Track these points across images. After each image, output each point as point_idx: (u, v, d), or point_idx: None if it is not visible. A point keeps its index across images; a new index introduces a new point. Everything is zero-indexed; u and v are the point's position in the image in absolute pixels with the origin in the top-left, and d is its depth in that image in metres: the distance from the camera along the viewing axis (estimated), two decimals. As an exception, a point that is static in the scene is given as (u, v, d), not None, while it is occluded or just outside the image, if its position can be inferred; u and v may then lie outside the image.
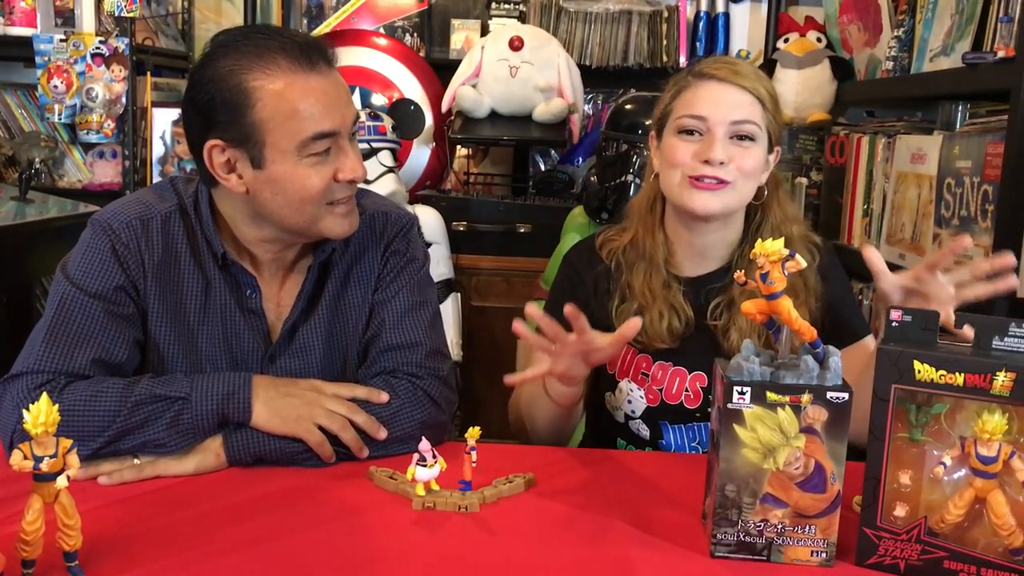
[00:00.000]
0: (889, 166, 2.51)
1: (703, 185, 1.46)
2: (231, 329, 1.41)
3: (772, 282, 1.03)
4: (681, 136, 1.48)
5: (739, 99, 1.47)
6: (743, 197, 1.50)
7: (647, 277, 1.54)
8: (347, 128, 1.31)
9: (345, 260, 1.46)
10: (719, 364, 1.10)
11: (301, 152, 1.28)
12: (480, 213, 3.00)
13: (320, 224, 1.34)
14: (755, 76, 1.50)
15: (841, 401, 1.03)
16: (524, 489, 1.24)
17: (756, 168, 1.48)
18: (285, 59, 1.27)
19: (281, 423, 1.28)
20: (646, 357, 1.55)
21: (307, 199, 1.30)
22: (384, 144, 2.57)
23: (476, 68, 3.09)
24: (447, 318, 2.72)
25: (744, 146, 1.47)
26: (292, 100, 1.26)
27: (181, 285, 1.39)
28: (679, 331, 1.52)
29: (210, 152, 1.31)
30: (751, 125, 1.47)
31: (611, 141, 2.44)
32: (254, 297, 1.41)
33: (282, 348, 1.43)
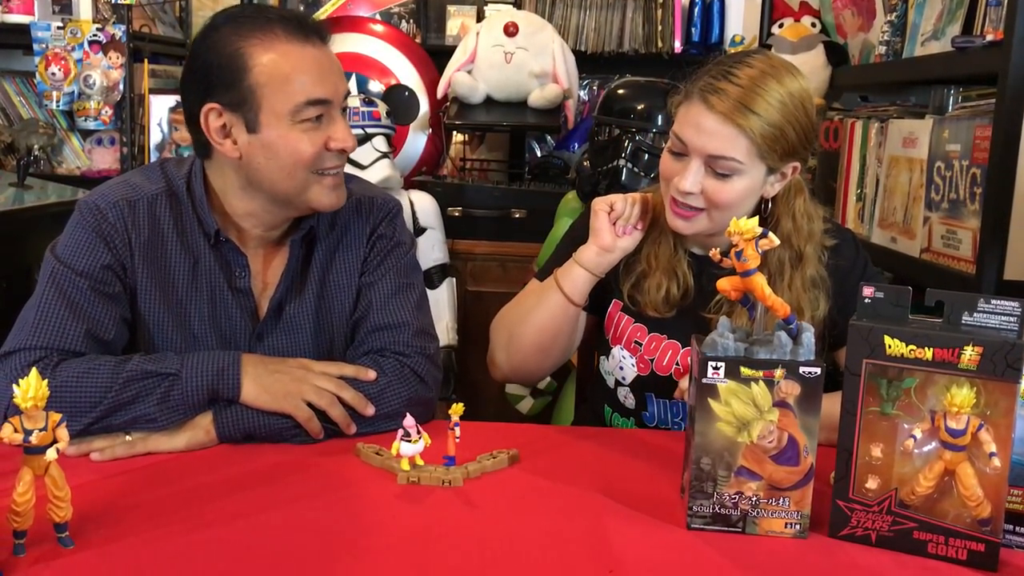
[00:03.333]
0: (882, 150, 2.51)
1: (677, 210, 1.45)
2: (220, 308, 1.43)
3: (746, 259, 1.06)
4: (671, 152, 1.46)
5: (720, 132, 1.37)
6: (721, 224, 1.42)
7: (655, 244, 1.54)
8: (339, 99, 1.36)
9: (330, 240, 1.49)
10: (695, 340, 1.12)
11: (295, 117, 1.32)
12: (475, 199, 3.01)
13: (308, 193, 1.37)
14: (764, 105, 1.36)
15: (813, 376, 1.05)
16: (508, 465, 1.26)
17: (734, 200, 1.41)
18: (282, 29, 1.32)
19: (270, 399, 1.31)
20: (641, 327, 1.56)
21: (299, 163, 1.34)
22: (379, 129, 2.59)
23: (471, 54, 3.09)
24: (442, 303, 2.74)
25: (720, 180, 1.40)
26: (288, 67, 1.31)
27: (169, 265, 1.41)
28: (675, 301, 1.52)
29: (207, 116, 1.34)
30: (729, 162, 1.38)
31: (603, 126, 2.44)
32: (243, 276, 1.43)
33: (270, 326, 1.45)
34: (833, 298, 1.49)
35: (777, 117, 1.37)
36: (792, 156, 1.42)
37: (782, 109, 1.37)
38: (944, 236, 2.08)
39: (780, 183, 1.47)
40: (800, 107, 1.39)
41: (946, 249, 2.07)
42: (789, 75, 1.40)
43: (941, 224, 2.10)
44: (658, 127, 2.37)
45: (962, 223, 2.00)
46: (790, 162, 1.43)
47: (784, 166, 1.43)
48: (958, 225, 2.01)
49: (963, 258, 1.98)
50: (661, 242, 1.53)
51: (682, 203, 1.43)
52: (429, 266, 2.74)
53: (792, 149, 1.41)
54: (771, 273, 1.45)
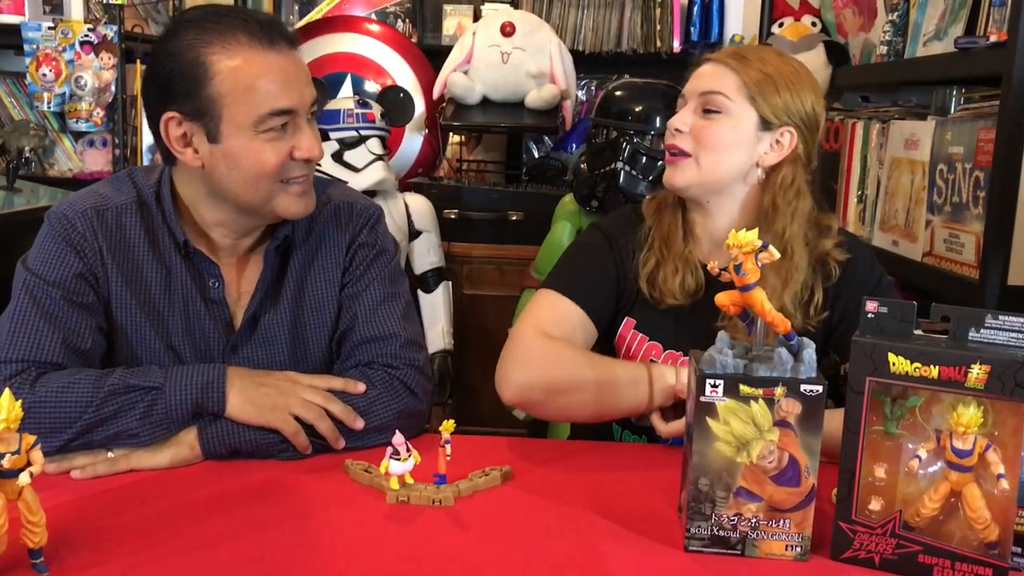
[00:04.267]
0: (883, 152, 2.48)
1: (669, 157, 1.48)
2: (193, 319, 1.40)
3: (745, 273, 1.02)
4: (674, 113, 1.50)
5: (712, 71, 1.45)
6: (709, 173, 1.44)
7: (669, 229, 1.52)
8: (305, 107, 1.32)
9: (307, 249, 1.45)
10: (693, 356, 1.09)
11: (257, 128, 1.28)
12: (472, 200, 2.98)
13: (274, 202, 1.34)
14: (751, 55, 1.46)
15: (814, 394, 1.02)
16: (500, 482, 1.23)
17: (720, 142, 1.43)
18: (245, 35, 1.27)
19: (256, 413, 1.27)
20: (656, 345, 1.52)
21: (262, 174, 1.30)
22: (373, 132, 2.55)
23: (467, 54, 3.07)
24: (438, 307, 2.71)
25: (710, 118, 1.44)
26: (250, 76, 1.26)
27: (142, 275, 1.38)
28: (691, 290, 1.48)
29: (166, 124, 1.31)
30: (717, 97, 1.43)
31: (600, 128, 2.41)
32: (217, 286, 1.40)
33: (244, 338, 1.42)
34: (849, 313, 1.46)
35: (769, 68, 1.43)
36: (785, 116, 1.44)
37: (775, 65, 1.44)
38: (947, 240, 2.04)
39: (776, 153, 1.45)
40: (795, 73, 1.45)
41: (949, 253, 2.04)
42: (790, 57, 1.49)
43: (944, 228, 2.07)
44: (656, 129, 2.33)
45: (965, 227, 1.96)
46: (783, 124, 1.44)
47: (776, 122, 1.44)
48: (961, 229, 1.98)
49: (966, 263, 1.95)
50: (670, 231, 1.52)
51: (671, 145, 1.46)
52: (424, 270, 2.71)
53: (784, 107, 1.43)
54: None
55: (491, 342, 2.78)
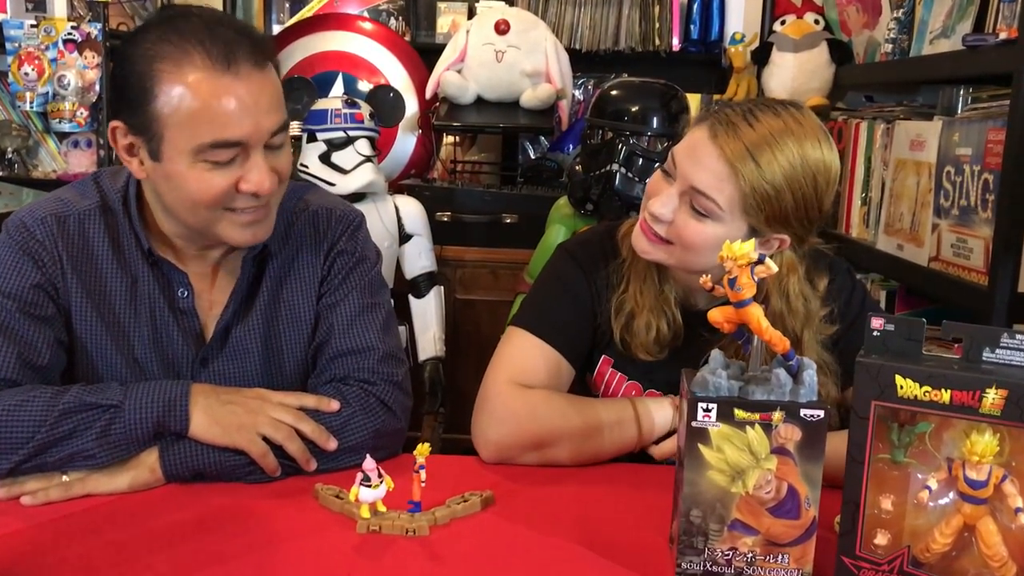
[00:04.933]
0: (888, 152, 2.42)
1: (645, 229, 1.32)
2: (161, 330, 1.33)
3: (740, 288, 0.94)
4: (663, 171, 1.33)
5: (711, 167, 1.24)
6: (685, 263, 1.32)
7: (640, 280, 1.40)
8: (259, 137, 1.20)
9: (283, 258, 1.38)
10: (685, 377, 1.01)
11: (197, 156, 1.18)
12: (465, 203, 2.93)
13: (217, 228, 1.25)
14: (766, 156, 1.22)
15: (816, 419, 0.94)
16: (480, 509, 1.15)
17: (701, 245, 1.27)
18: (201, 56, 1.16)
19: (221, 432, 1.20)
20: (635, 384, 1.45)
21: (199, 203, 1.21)
22: (361, 132, 2.48)
23: (461, 53, 3.02)
24: (430, 313, 2.65)
25: (694, 217, 1.27)
26: (195, 102, 1.16)
27: (105, 285, 1.31)
28: (666, 341, 1.39)
29: (113, 132, 1.24)
30: (708, 203, 1.25)
31: (595, 128, 2.34)
32: (186, 296, 1.33)
33: (215, 351, 1.35)
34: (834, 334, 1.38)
35: (778, 177, 1.22)
36: (781, 226, 1.27)
37: (788, 172, 1.23)
38: (954, 245, 1.97)
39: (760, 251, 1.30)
40: (810, 178, 1.24)
41: (956, 259, 1.96)
42: (815, 142, 1.25)
43: (951, 232, 2.00)
44: (653, 130, 2.27)
45: (973, 231, 1.89)
46: (777, 232, 1.28)
47: (768, 233, 1.28)
48: (969, 233, 1.91)
49: (975, 268, 1.88)
50: (647, 277, 1.41)
51: (649, 228, 1.31)
52: (416, 274, 2.64)
53: (783, 218, 1.26)
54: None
55: (485, 348, 2.69)
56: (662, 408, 1.34)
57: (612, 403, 1.36)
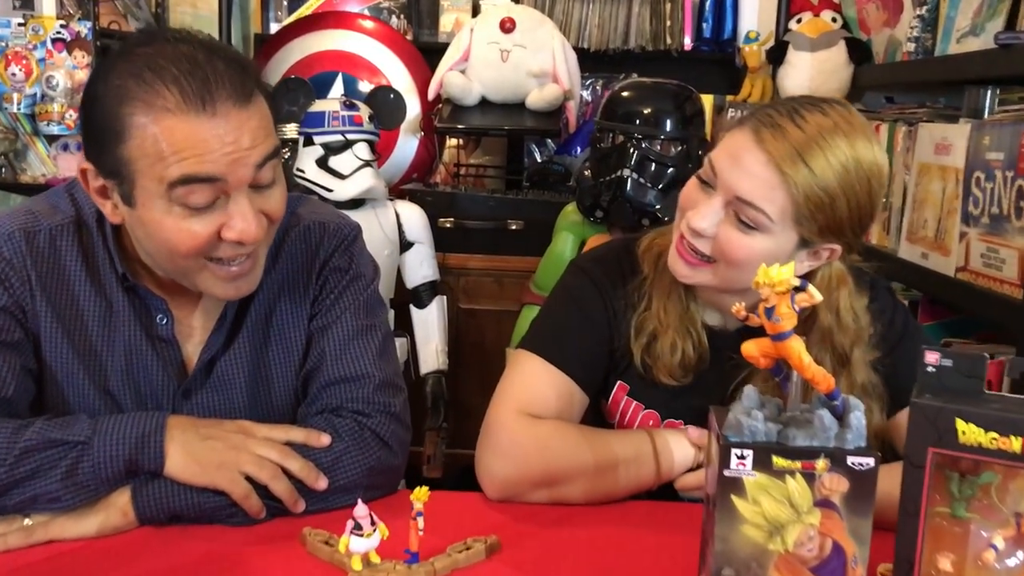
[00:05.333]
0: (910, 156, 2.31)
1: (681, 248, 1.21)
2: (137, 360, 1.22)
3: (779, 319, 0.83)
4: (698, 179, 1.22)
5: (759, 174, 1.13)
6: (730, 282, 1.21)
7: (664, 296, 1.29)
8: (242, 175, 1.07)
9: (273, 278, 1.27)
10: (715, 415, 0.90)
11: (171, 199, 1.06)
12: (469, 208, 2.83)
13: (196, 279, 1.14)
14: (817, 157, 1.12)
15: (865, 468, 0.83)
16: (485, 557, 1.04)
17: (750, 260, 1.15)
18: (175, 95, 1.04)
19: (200, 471, 1.09)
20: (652, 414, 1.34)
21: (176, 253, 1.10)
22: (360, 136, 2.38)
23: (464, 52, 2.93)
24: (432, 324, 2.55)
25: (741, 230, 1.16)
26: (167, 142, 1.04)
27: (77, 309, 1.20)
28: (691, 365, 1.28)
29: (83, 174, 1.12)
30: (757, 214, 1.14)
31: (605, 132, 2.25)
32: (165, 323, 1.22)
33: (199, 381, 1.24)
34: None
35: (832, 182, 1.12)
36: (834, 235, 1.17)
37: (842, 175, 1.12)
38: (984, 255, 1.87)
39: (810, 262, 1.21)
40: (864, 181, 1.14)
41: (987, 269, 1.86)
42: (866, 142, 1.15)
43: (981, 241, 1.90)
44: (667, 133, 2.19)
45: (1006, 241, 1.79)
46: (829, 242, 1.18)
47: (820, 244, 1.18)
48: (1001, 243, 1.81)
49: (1008, 280, 1.78)
50: (671, 293, 1.29)
51: (689, 243, 1.20)
52: (417, 283, 2.54)
53: (837, 227, 1.16)
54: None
55: (489, 360, 2.73)
56: (683, 443, 1.24)
57: (628, 436, 1.26)
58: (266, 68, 3.05)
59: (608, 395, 1.36)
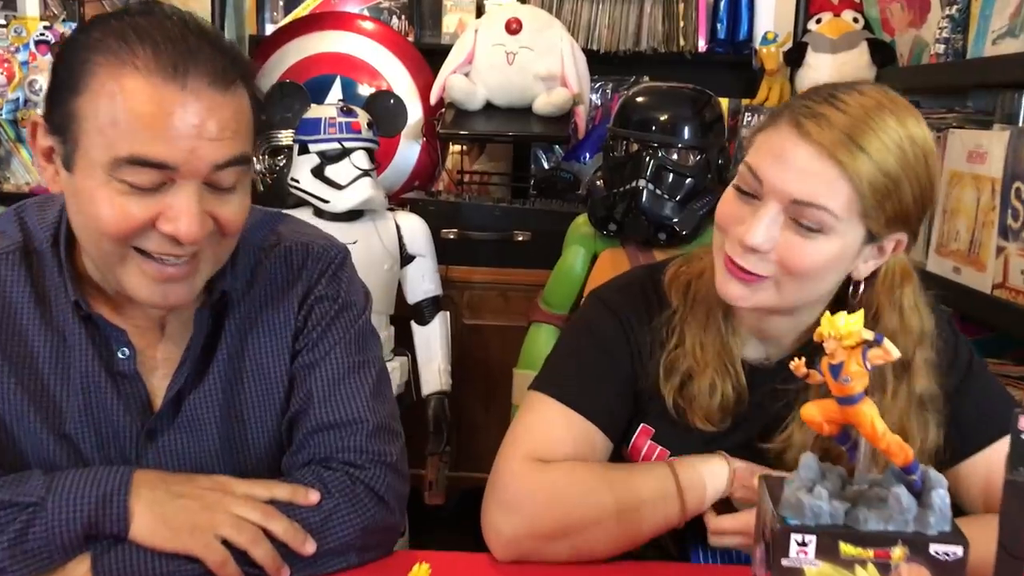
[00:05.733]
0: (939, 164, 2.21)
1: (733, 268, 1.08)
2: (96, 399, 1.09)
3: (848, 379, 0.70)
4: (736, 190, 1.10)
5: (814, 170, 1.03)
6: (794, 300, 1.10)
7: (701, 329, 1.17)
8: (195, 166, 0.97)
9: (247, 306, 1.15)
10: (764, 485, 0.77)
11: (112, 172, 0.96)
12: (473, 218, 2.71)
13: (120, 272, 1.02)
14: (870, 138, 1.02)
15: (951, 559, 0.70)
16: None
17: (817, 268, 1.06)
18: (147, 56, 0.95)
19: (170, 535, 0.96)
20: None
21: (105, 232, 0.98)
22: (358, 143, 2.24)
23: (468, 54, 2.83)
24: (434, 342, 2.41)
25: (804, 235, 1.05)
26: (124, 106, 0.95)
27: (27, 344, 1.08)
28: (731, 407, 1.15)
29: (33, 129, 1.03)
30: (820, 214, 1.03)
31: (619, 140, 2.12)
32: (127, 357, 1.10)
33: (165, 422, 1.12)
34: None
35: (893, 165, 1.01)
36: (901, 224, 1.07)
37: (900, 156, 1.02)
38: (1025, 271, 1.77)
39: (876, 260, 1.11)
40: (922, 159, 1.04)
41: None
42: (912, 116, 1.06)
43: (1021, 256, 1.79)
44: (685, 141, 2.05)
45: (1050, 259, 1.69)
46: (896, 232, 1.08)
47: (887, 236, 1.08)
48: (1045, 260, 1.71)
49: (1052, 300, 1.67)
50: (708, 327, 1.17)
51: (740, 268, 1.07)
52: (419, 299, 2.40)
53: (904, 214, 1.05)
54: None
55: (494, 378, 2.61)
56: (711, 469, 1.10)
57: (649, 470, 1.13)
58: (261, 71, 2.95)
59: (629, 440, 1.23)
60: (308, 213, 2.24)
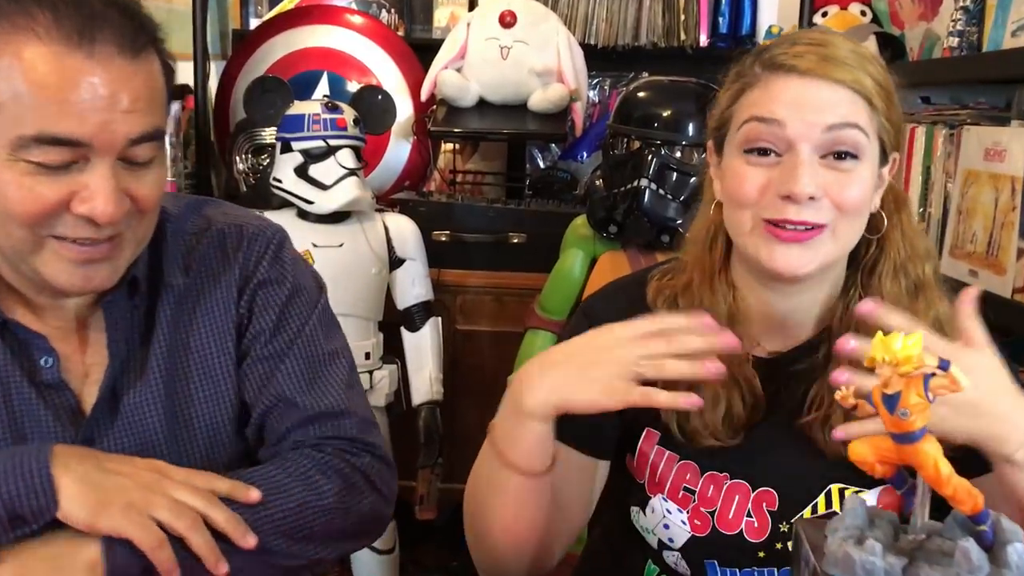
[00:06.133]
0: (952, 162, 2.14)
1: (787, 235, 1.02)
2: (22, 413, 1.00)
3: (906, 412, 0.59)
4: (748, 157, 1.05)
5: (833, 98, 1.01)
6: (846, 244, 1.06)
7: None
8: (109, 142, 0.91)
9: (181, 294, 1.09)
10: (803, 534, 0.66)
11: (16, 152, 0.89)
12: (466, 220, 2.64)
13: (37, 262, 0.94)
14: (856, 60, 1.03)
15: (1032, 627, 0.59)
16: None
17: (863, 199, 1.04)
18: (48, 24, 0.88)
19: (101, 511, 0.88)
20: (690, 464, 1.11)
21: (13, 218, 0.91)
22: (344, 141, 2.15)
23: (461, 49, 2.76)
24: (425, 349, 2.32)
25: (844, 168, 1.02)
26: (24, 81, 0.88)
27: None
28: (741, 423, 1.08)
29: None
30: (854, 131, 1.01)
31: (620, 137, 2.05)
32: (51, 365, 1.01)
33: (103, 424, 1.03)
34: None
35: (880, 74, 1.04)
36: (899, 139, 1.09)
37: (878, 67, 1.04)
38: (1050, 276, 1.70)
39: (880, 190, 1.09)
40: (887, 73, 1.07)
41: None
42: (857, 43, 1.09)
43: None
44: (689, 138, 1.98)
45: (1078, 260, 1.61)
46: (893, 152, 1.08)
47: (891, 151, 1.08)
48: (1071, 263, 1.63)
49: (1078, 306, 1.60)
50: None
51: (796, 222, 1.01)
52: (409, 304, 2.31)
53: (900, 127, 1.08)
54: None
55: (488, 387, 2.50)
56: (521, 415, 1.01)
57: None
58: (245, 67, 2.87)
59: (635, 449, 1.15)
60: (292, 215, 2.16)
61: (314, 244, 2.12)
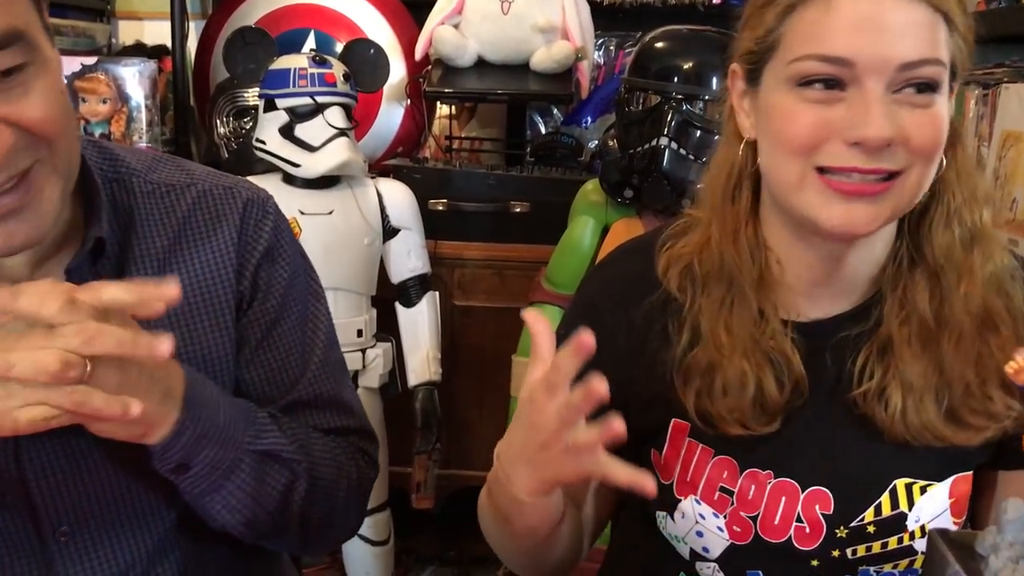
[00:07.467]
0: (986, 124, 2.05)
1: (851, 187, 0.88)
2: None
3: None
4: (802, 91, 0.89)
5: (911, 21, 0.86)
6: (918, 195, 0.91)
7: (724, 309, 0.96)
8: None
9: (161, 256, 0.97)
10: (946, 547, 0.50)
11: None
12: (464, 188, 2.54)
13: None
14: None
15: None
16: None
17: (943, 137, 0.89)
18: None
19: None
20: (728, 460, 0.97)
21: None
22: (333, 98, 2.01)
23: (458, 4, 2.63)
24: (422, 326, 2.21)
25: (922, 103, 0.87)
26: None
27: None
28: (777, 406, 0.94)
29: None
30: (933, 67, 0.87)
31: (636, 92, 1.91)
32: None
33: None
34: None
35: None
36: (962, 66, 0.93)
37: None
38: (1100, 243, 1.62)
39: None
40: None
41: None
42: None
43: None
44: (712, 92, 1.85)
45: None
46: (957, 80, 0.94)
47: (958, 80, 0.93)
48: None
49: None
50: (734, 303, 0.97)
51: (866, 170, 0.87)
52: (404, 277, 2.20)
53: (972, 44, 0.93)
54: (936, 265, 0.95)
55: (488, 366, 2.46)
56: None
57: None
58: (227, 23, 2.73)
59: (662, 444, 1.01)
60: (277, 180, 2.04)
61: (301, 211, 2.00)
